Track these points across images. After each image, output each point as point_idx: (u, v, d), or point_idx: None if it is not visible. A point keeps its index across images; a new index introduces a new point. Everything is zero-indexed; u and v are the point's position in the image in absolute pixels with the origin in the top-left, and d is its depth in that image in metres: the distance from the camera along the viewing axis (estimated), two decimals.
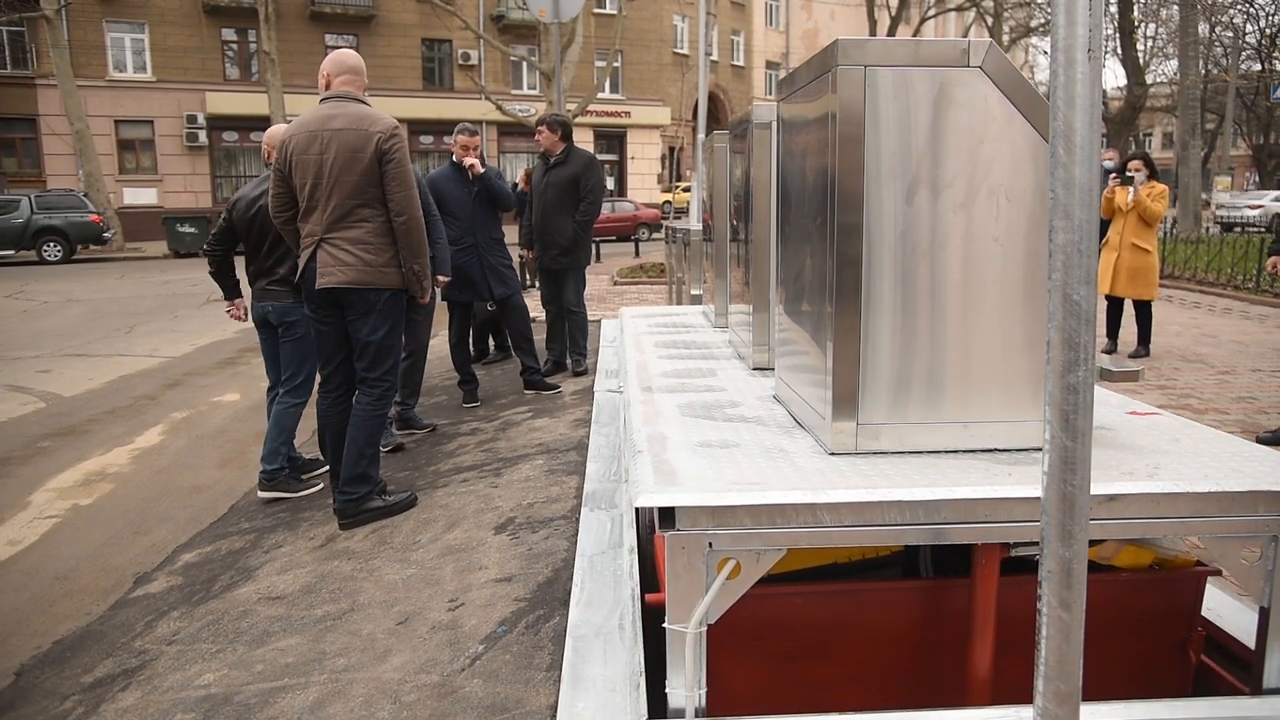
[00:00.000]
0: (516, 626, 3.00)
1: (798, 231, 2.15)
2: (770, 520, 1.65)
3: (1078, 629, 1.13)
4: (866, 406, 1.87)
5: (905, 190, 1.81)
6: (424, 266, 4.01)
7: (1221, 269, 13.34)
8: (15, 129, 27.99)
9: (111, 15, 28.21)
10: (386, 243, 3.91)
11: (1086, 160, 1.11)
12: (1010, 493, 1.66)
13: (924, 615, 1.93)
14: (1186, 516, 1.69)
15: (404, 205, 3.87)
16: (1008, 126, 1.80)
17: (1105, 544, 2.02)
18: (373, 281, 3.90)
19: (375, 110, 3.92)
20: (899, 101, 1.78)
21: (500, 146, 32.22)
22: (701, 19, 13.55)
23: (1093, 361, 1.10)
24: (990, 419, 1.89)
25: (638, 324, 4.11)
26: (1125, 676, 2.00)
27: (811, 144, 2.00)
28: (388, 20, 30.73)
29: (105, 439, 5.95)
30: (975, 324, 1.86)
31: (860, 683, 1.95)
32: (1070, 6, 1.10)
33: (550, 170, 6.67)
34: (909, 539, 1.70)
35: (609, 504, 2.67)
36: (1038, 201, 1.82)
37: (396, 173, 3.84)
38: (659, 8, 32.77)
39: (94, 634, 3.35)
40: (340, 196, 3.84)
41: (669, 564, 1.65)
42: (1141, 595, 2.01)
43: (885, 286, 1.83)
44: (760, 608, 1.85)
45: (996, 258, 1.84)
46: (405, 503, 4.19)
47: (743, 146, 2.92)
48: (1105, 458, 1.82)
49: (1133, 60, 21.85)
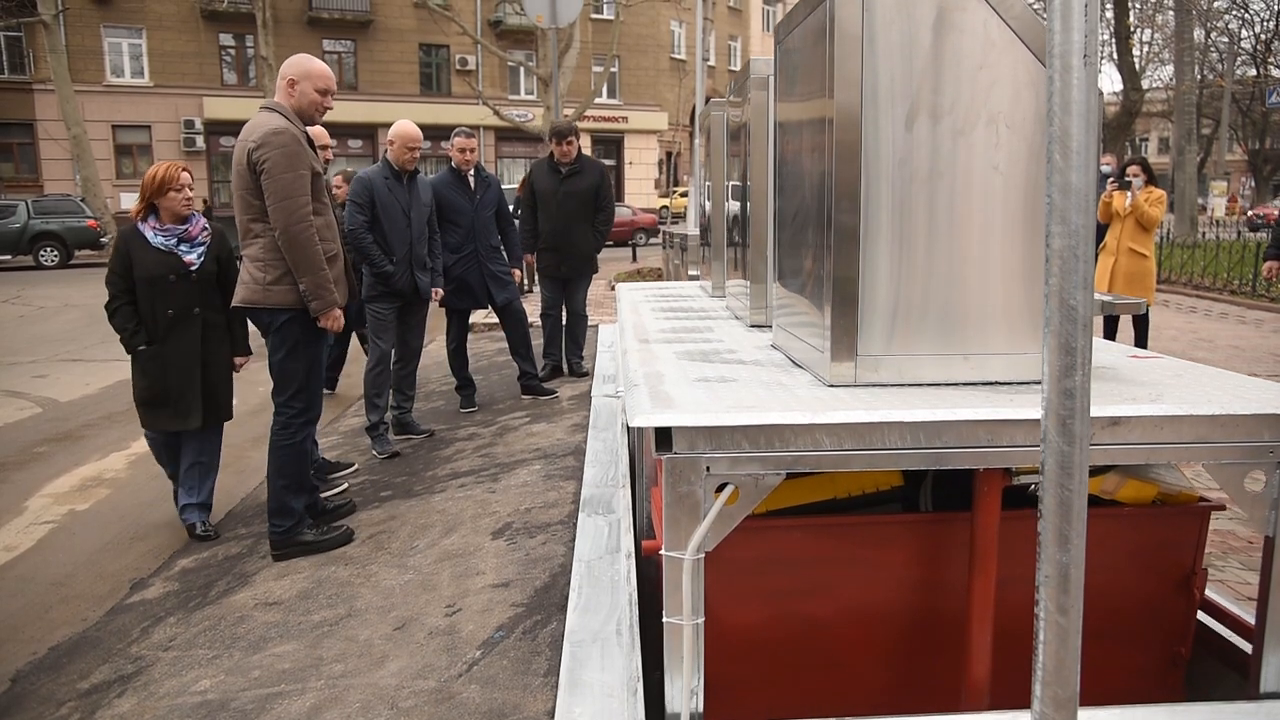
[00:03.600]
0: (514, 632, 3.00)
1: (795, 173, 2.13)
2: (768, 443, 1.62)
3: (1075, 634, 1.13)
4: (865, 338, 1.84)
5: (904, 117, 1.78)
6: (315, 284, 3.69)
7: (1218, 273, 13.38)
8: (12, 134, 27.96)
9: (109, 21, 28.21)
10: (278, 259, 3.68)
11: (1083, 165, 1.12)
12: (1012, 414, 1.63)
13: (925, 550, 1.90)
14: (1190, 442, 1.67)
15: (278, 218, 3.61)
16: (1007, 53, 1.78)
17: (1108, 477, 1.99)
18: (262, 301, 3.72)
19: (268, 118, 3.68)
20: (897, 26, 1.76)
21: (498, 151, 32.23)
22: (699, 25, 13.59)
23: (1089, 366, 1.10)
24: (991, 350, 1.86)
25: (634, 295, 4.14)
26: (1129, 615, 1.98)
27: (810, 80, 1.96)
28: (385, 26, 30.75)
29: (102, 444, 5.93)
30: (975, 253, 1.83)
31: (860, 621, 1.93)
32: (1066, 13, 1.10)
33: (566, 179, 6.72)
34: (909, 463, 1.67)
35: (606, 509, 2.67)
36: (1038, 130, 1.80)
37: (268, 184, 3.60)
38: (656, 13, 32.78)
39: (90, 640, 3.34)
40: (236, 212, 3.76)
41: (665, 489, 1.64)
42: (1145, 530, 1.99)
43: (884, 215, 1.81)
44: (758, 542, 1.84)
45: (997, 186, 1.81)
46: (338, 539, 3.98)
47: (741, 103, 2.91)
48: (1107, 389, 1.80)
49: (1128, 65, 21.89)
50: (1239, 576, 3.48)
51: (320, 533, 3.99)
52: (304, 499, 4.01)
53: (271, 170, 3.60)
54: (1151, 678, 2.02)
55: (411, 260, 5.31)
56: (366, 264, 5.24)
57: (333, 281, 3.78)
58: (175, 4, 28.21)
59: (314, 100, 3.80)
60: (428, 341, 6.36)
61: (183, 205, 4.12)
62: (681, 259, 11.07)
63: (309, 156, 3.74)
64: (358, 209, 5.18)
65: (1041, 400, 1.12)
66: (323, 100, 3.83)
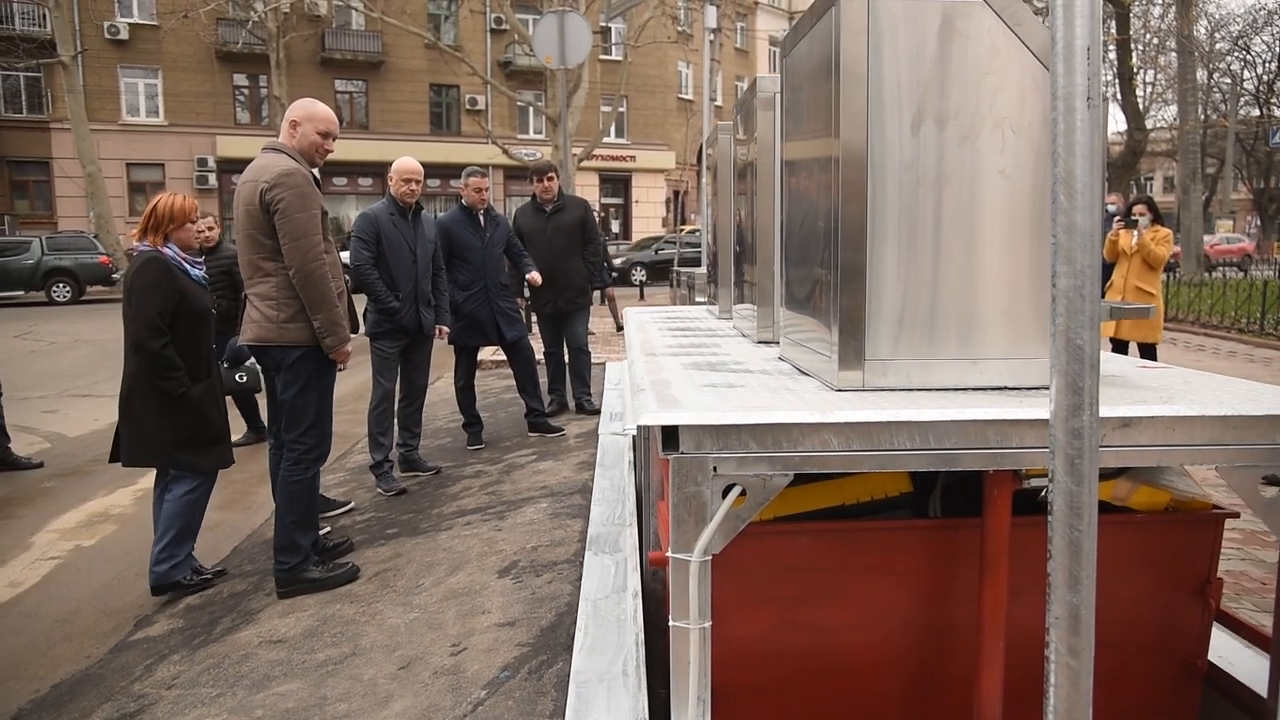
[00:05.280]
0: (519, 672, 2.97)
1: (803, 184, 2.14)
2: (776, 443, 1.61)
3: (1086, 676, 1.12)
4: (872, 343, 1.83)
5: (910, 121, 1.79)
6: (329, 321, 3.76)
7: (1225, 312, 13.35)
8: (29, 172, 28.40)
9: (127, 62, 28.74)
10: (290, 297, 3.73)
11: (1088, 206, 1.13)
12: (1021, 414, 1.62)
13: (935, 556, 1.88)
14: (1203, 444, 1.64)
15: (294, 257, 3.67)
16: (1012, 58, 1.79)
17: (1120, 483, 1.97)
18: (276, 339, 3.75)
19: (276, 159, 3.74)
20: (902, 33, 1.78)
21: (506, 190, 32.53)
22: (706, 65, 13.77)
23: (1097, 406, 1.10)
24: (999, 355, 1.85)
25: (641, 316, 4.17)
26: (1143, 624, 1.95)
27: (816, 89, 1.97)
28: (396, 66, 31.22)
29: (109, 480, 5.93)
30: (982, 258, 1.83)
31: (869, 628, 1.91)
32: (1069, 55, 1.12)
33: (551, 216, 6.90)
34: (918, 464, 1.65)
35: (613, 548, 2.66)
36: (1044, 134, 1.80)
37: (283, 224, 3.65)
38: (664, 54, 33.23)
39: (93, 677, 3.32)
40: (244, 252, 3.78)
41: (672, 490, 1.62)
42: (1158, 538, 1.96)
43: (890, 218, 1.81)
44: (767, 547, 1.82)
45: (1003, 190, 1.81)
46: (344, 576, 3.96)
47: (748, 124, 2.92)
48: (1116, 394, 1.78)
49: (1132, 106, 22.09)
50: (1255, 619, 3.43)
51: (326, 570, 3.96)
52: (312, 535, 4.00)
53: (287, 210, 3.64)
54: (1168, 689, 1.99)
55: (417, 297, 5.34)
56: (372, 300, 5.27)
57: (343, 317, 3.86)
58: (191, 45, 28.72)
59: (315, 142, 3.85)
60: (434, 379, 6.38)
61: (197, 237, 4.13)
62: (689, 297, 11.13)
63: (319, 196, 3.80)
64: (363, 245, 5.22)
65: (1049, 437, 1.12)
66: (324, 143, 3.88)
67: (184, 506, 3.97)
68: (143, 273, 3.90)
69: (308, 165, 3.83)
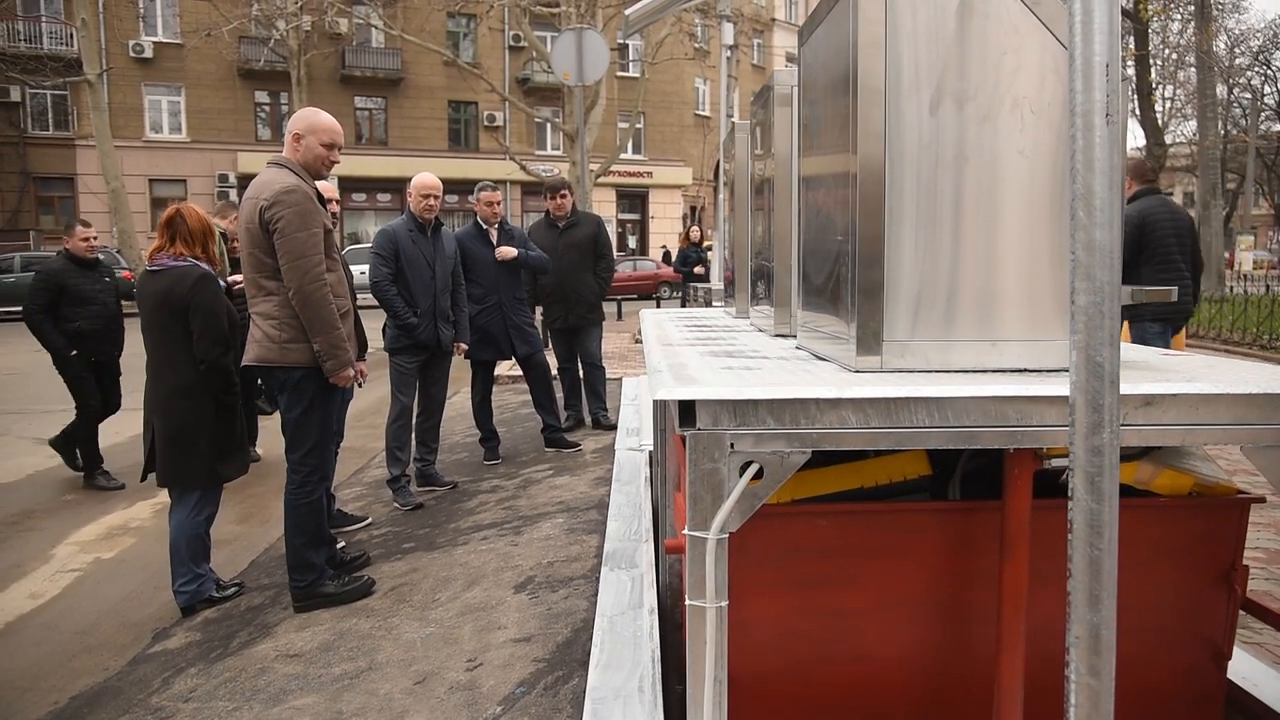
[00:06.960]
0: (535, 688, 2.96)
1: (821, 172, 2.13)
2: (793, 419, 1.60)
3: (1108, 697, 1.10)
4: (891, 324, 1.82)
5: (928, 102, 1.78)
6: (329, 344, 3.67)
7: (1247, 328, 13.22)
8: (54, 188, 28.78)
9: (150, 79, 29.13)
10: (292, 316, 3.65)
11: (1107, 223, 1.12)
12: (1042, 391, 1.60)
13: (954, 539, 1.86)
14: (1228, 423, 1.61)
15: (292, 278, 3.58)
16: (1031, 38, 1.78)
17: (1143, 466, 1.95)
18: (277, 359, 3.68)
19: (278, 175, 3.66)
20: (921, 12, 1.77)
21: (524, 206, 32.69)
22: (723, 82, 13.80)
23: (1117, 424, 1.09)
24: (1017, 337, 1.83)
25: (658, 315, 4.17)
26: (1166, 610, 1.93)
27: (833, 71, 1.97)
28: (415, 83, 31.49)
29: (129, 492, 5.98)
30: (1001, 238, 1.82)
31: (887, 611, 1.89)
32: (1088, 72, 1.12)
33: (564, 233, 6.98)
34: (937, 442, 1.63)
35: (629, 564, 2.65)
36: (1063, 114, 1.78)
37: (281, 244, 3.57)
38: (681, 71, 33.34)
39: (111, 690, 3.33)
40: (246, 270, 3.72)
41: (689, 467, 1.61)
42: (1182, 523, 1.93)
43: (908, 199, 1.80)
44: (784, 529, 1.81)
45: (1022, 171, 1.80)
46: (359, 590, 3.96)
47: (763, 118, 2.91)
48: (1138, 374, 1.76)
49: (1151, 121, 21.99)
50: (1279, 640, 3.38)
51: (342, 584, 3.97)
52: (324, 552, 4.00)
53: (285, 229, 3.57)
54: (1193, 676, 1.96)
55: (435, 313, 5.36)
56: (391, 316, 5.30)
57: (346, 338, 3.78)
58: (214, 63, 29.07)
59: (320, 155, 3.77)
60: (452, 394, 6.40)
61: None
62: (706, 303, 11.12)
63: (320, 214, 3.71)
64: (382, 261, 5.26)
65: (1070, 459, 1.11)
66: (329, 155, 3.79)
67: (194, 527, 4.01)
68: (201, 289, 3.94)
69: (312, 179, 3.76)
